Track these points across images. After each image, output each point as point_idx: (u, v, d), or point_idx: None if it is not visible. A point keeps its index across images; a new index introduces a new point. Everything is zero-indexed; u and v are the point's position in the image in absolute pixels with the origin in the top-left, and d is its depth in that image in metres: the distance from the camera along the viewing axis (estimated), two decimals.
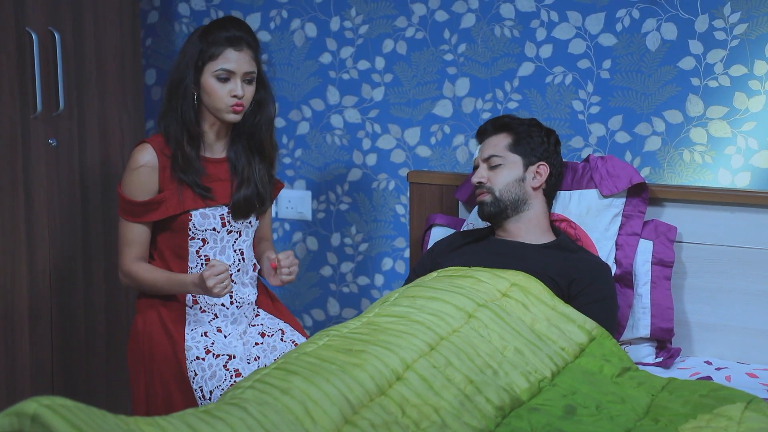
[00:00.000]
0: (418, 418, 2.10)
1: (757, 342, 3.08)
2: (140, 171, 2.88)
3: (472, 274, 2.71)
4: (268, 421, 1.93)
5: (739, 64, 3.26)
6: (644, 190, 3.17)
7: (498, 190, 3.03)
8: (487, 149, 3.09)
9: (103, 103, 3.60)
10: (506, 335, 2.45)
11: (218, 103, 2.88)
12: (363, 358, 2.20)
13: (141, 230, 2.92)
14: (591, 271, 2.90)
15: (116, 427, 1.68)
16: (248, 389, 2.07)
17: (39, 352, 3.39)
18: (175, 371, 2.89)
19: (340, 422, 2.01)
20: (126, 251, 2.92)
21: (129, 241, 2.92)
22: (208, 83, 2.88)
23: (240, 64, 2.88)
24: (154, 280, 2.90)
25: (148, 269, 2.93)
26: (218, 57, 2.86)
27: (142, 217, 2.89)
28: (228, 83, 2.87)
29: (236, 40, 2.88)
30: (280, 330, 3.04)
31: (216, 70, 2.86)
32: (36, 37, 3.28)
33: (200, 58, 2.88)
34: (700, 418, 2.22)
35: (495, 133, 3.11)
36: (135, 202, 2.88)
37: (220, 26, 2.90)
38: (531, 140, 3.08)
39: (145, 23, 4.14)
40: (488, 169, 3.06)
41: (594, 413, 2.28)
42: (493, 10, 3.56)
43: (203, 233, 2.94)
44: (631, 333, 3.07)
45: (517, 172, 3.05)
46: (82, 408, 1.65)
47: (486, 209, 3.04)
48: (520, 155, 3.07)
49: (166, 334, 2.93)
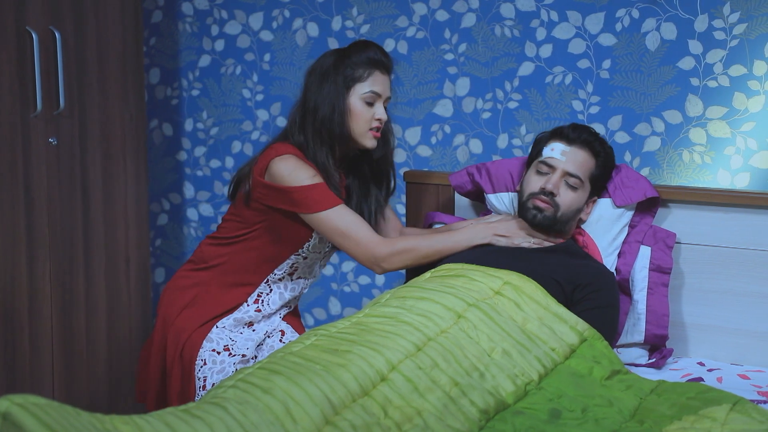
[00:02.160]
0: (401, 420, 2.10)
1: (752, 343, 3.06)
2: (303, 165, 2.80)
3: (465, 273, 2.70)
4: (247, 420, 1.93)
5: (739, 64, 3.25)
6: (655, 205, 3.12)
7: (562, 210, 2.91)
8: (575, 165, 2.93)
9: (105, 102, 3.62)
10: (495, 336, 2.44)
11: (363, 126, 2.83)
12: (348, 358, 2.19)
13: (350, 210, 2.81)
14: (596, 277, 2.85)
15: (90, 426, 1.68)
16: (230, 388, 2.07)
17: (39, 351, 3.41)
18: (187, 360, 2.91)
19: (321, 423, 2.01)
20: (364, 233, 2.79)
21: (356, 222, 2.80)
22: (355, 106, 2.83)
23: (385, 87, 2.85)
24: (434, 245, 2.82)
25: (408, 238, 2.84)
26: (367, 79, 2.83)
27: (339, 195, 2.81)
28: (372, 107, 2.84)
29: (381, 64, 2.85)
30: (281, 331, 3.04)
31: (365, 92, 2.82)
32: (36, 36, 3.30)
33: (349, 79, 2.82)
34: (685, 419, 2.20)
35: (587, 150, 2.96)
36: (322, 185, 2.78)
37: (363, 48, 2.85)
38: (604, 177, 3.01)
39: (149, 22, 4.16)
40: (564, 184, 2.93)
41: (579, 417, 2.27)
42: (494, 10, 3.56)
43: (310, 254, 2.93)
44: (625, 338, 3.05)
45: (582, 201, 2.96)
46: (55, 406, 1.66)
47: (539, 219, 2.91)
48: (592, 187, 2.99)
49: (193, 319, 2.94)
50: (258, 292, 2.97)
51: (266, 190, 2.83)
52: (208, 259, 2.99)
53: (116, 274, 3.70)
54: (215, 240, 2.99)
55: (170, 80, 4.17)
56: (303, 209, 2.80)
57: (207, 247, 3.00)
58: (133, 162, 3.74)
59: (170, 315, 2.97)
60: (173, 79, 4.16)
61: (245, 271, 2.95)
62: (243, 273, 2.95)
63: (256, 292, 2.97)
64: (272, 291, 2.98)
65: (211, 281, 2.97)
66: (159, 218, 4.27)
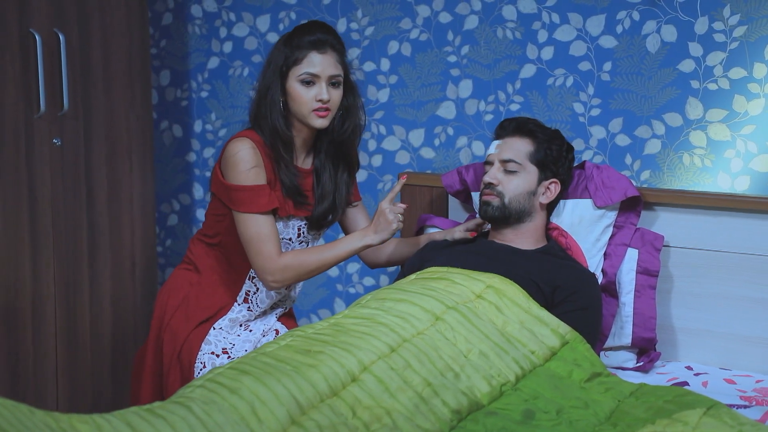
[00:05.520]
0: (369, 420, 2.10)
1: (741, 348, 3.04)
2: (253, 157, 2.85)
3: (448, 276, 2.70)
4: (211, 420, 1.94)
5: (739, 67, 3.22)
6: (638, 204, 3.12)
7: (508, 197, 2.96)
8: (508, 151, 3.00)
9: (110, 103, 3.64)
10: (472, 338, 2.44)
11: (303, 108, 2.85)
12: (319, 359, 2.20)
13: (273, 221, 2.86)
14: (575, 279, 2.85)
15: (43, 426, 1.70)
16: (198, 388, 2.09)
17: (42, 352, 3.43)
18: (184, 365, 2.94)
19: (287, 423, 2.02)
20: (268, 248, 2.83)
21: (267, 235, 2.84)
22: (293, 88, 2.86)
23: (324, 67, 2.86)
24: (317, 261, 2.85)
25: (297, 254, 2.86)
26: (302, 61, 2.84)
27: (269, 204, 2.83)
28: (313, 87, 2.85)
29: (320, 43, 2.86)
30: (275, 330, 3.06)
31: (300, 74, 2.84)
32: (39, 38, 3.33)
33: (285, 63, 2.86)
34: (658, 422, 2.19)
35: (518, 136, 3.02)
36: (259, 187, 2.82)
37: (305, 30, 2.87)
38: (551, 154, 3.01)
39: (160, 25, 4.19)
40: (503, 172, 2.99)
41: (553, 418, 2.27)
42: (496, 12, 3.55)
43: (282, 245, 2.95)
44: (613, 341, 3.04)
45: (530, 183, 2.98)
46: (8, 405, 1.67)
47: (490, 212, 2.97)
48: (537, 167, 3.00)
49: (190, 320, 2.97)
50: (245, 290, 2.99)
51: (215, 180, 2.91)
52: (195, 257, 3.02)
53: (122, 275, 3.72)
54: (201, 236, 3.04)
55: (180, 82, 4.20)
56: (231, 204, 2.85)
57: (194, 245, 3.05)
58: (139, 163, 3.77)
59: (164, 316, 3.00)
60: (183, 81, 4.19)
61: (228, 266, 2.98)
62: (226, 270, 2.98)
63: (243, 290, 2.99)
64: (259, 289, 2.99)
65: (201, 281, 2.99)
66: (169, 219, 4.30)
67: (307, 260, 2.85)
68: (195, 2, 4.11)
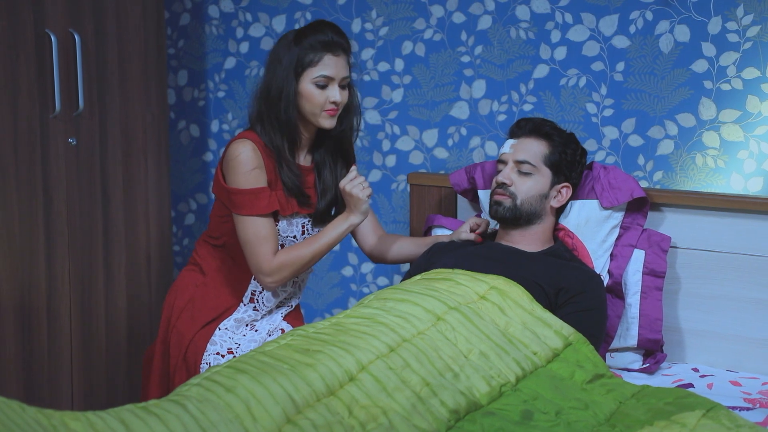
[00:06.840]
0: (365, 420, 2.11)
1: (749, 350, 3.02)
2: (254, 158, 2.86)
3: (452, 277, 2.70)
4: (205, 418, 1.95)
5: (752, 67, 3.20)
6: (645, 204, 3.11)
7: (520, 199, 2.95)
8: (523, 152, 2.99)
9: (126, 103, 3.66)
10: (473, 339, 2.44)
11: (316, 108, 2.87)
12: (317, 358, 2.21)
13: (272, 223, 2.89)
14: (579, 280, 2.84)
15: (34, 423, 1.71)
16: (194, 386, 2.09)
17: (57, 351, 3.46)
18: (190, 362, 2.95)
19: (282, 421, 2.03)
20: (264, 250, 2.86)
21: (265, 237, 2.87)
22: (307, 89, 2.86)
23: (338, 69, 2.87)
24: (311, 252, 2.88)
25: (290, 250, 2.89)
26: (317, 63, 2.85)
27: (269, 206, 2.86)
28: (326, 89, 2.87)
29: (334, 45, 2.87)
30: (281, 330, 3.07)
31: (316, 76, 2.85)
32: (55, 38, 3.36)
33: (299, 64, 2.86)
34: (656, 424, 2.18)
35: (534, 137, 3.01)
36: (259, 190, 2.85)
37: (316, 30, 2.88)
38: (566, 158, 3.00)
39: (177, 25, 4.21)
40: (517, 173, 2.98)
41: (552, 419, 2.26)
42: (509, 12, 3.55)
43: (283, 239, 2.96)
44: (618, 342, 3.03)
45: (543, 186, 2.98)
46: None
47: (501, 212, 2.97)
48: (551, 170, 2.99)
49: (196, 321, 2.98)
50: (251, 290, 3.00)
51: (217, 182, 2.91)
52: (200, 258, 3.04)
53: (137, 274, 3.74)
54: (206, 237, 3.05)
55: (197, 82, 4.22)
56: (231, 207, 2.87)
57: (200, 246, 3.06)
58: (155, 162, 3.79)
59: (171, 318, 3.02)
60: (200, 81, 4.21)
61: (233, 267, 2.99)
62: (231, 271, 2.99)
63: (249, 290, 3.00)
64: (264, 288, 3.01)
65: (206, 282, 3.01)
66: (186, 218, 4.33)
67: (301, 254, 2.88)
68: (212, 3, 4.13)
